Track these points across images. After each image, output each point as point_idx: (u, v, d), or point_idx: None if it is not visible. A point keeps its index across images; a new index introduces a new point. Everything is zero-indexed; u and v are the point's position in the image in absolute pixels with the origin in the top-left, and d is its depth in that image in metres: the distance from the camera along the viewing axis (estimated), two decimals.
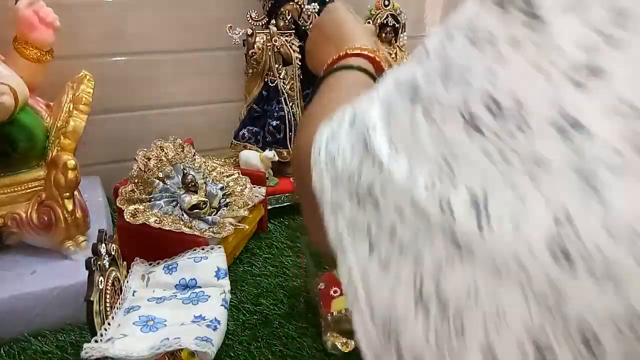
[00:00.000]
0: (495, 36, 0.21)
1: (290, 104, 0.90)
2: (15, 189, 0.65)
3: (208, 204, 0.72)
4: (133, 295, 0.60)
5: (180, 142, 0.78)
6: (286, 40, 0.87)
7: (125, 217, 0.65)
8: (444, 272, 0.21)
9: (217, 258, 0.64)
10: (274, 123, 0.90)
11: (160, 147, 0.75)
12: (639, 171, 0.18)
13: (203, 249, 0.65)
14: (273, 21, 0.86)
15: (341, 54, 0.47)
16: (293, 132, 0.91)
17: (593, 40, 0.19)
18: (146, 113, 0.92)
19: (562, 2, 0.20)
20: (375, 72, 0.46)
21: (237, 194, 0.76)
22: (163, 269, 0.63)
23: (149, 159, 0.73)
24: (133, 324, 0.54)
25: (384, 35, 0.90)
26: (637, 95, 0.18)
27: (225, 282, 0.63)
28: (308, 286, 0.69)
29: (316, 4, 0.87)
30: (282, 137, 0.91)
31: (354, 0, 0.93)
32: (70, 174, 0.63)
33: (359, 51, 0.47)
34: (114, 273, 0.56)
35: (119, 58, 0.86)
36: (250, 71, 0.89)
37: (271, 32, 0.85)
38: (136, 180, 0.71)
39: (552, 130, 0.19)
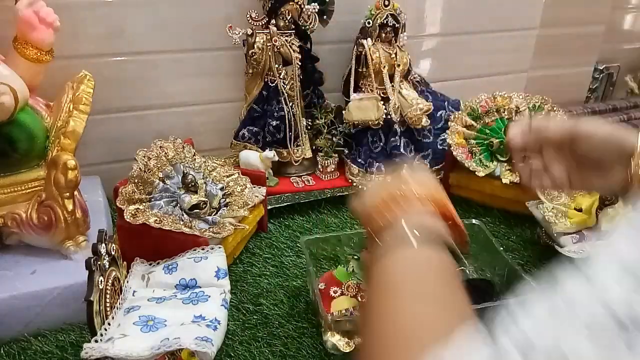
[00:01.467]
0: None
1: (290, 104, 0.90)
2: (15, 189, 0.65)
3: (208, 204, 0.72)
4: (133, 295, 0.60)
5: (181, 142, 0.78)
6: (286, 40, 0.87)
7: (125, 217, 0.65)
8: None
9: (217, 258, 0.64)
10: (274, 123, 0.90)
11: (160, 147, 0.75)
12: None
13: (203, 249, 0.65)
14: (273, 21, 0.86)
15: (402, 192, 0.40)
16: (293, 132, 0.91)
17: None
18: (146, 113, 0.92)
19: None
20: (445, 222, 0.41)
21: (237, 194, 0.76)
22: (163, 269, 0.63)
23: (149, 158, 0.73)
24: (133, 324, 0.54)
25: (384, 35, 0.90)
26: None
27: (225, 282, 0.63)
28: (308, 286, 0.69)
29: (316, 4, 0.87)
30: (282, 137, 0.91)
31: (354, 0, 0.94)
32: (70, 174, 0.63)
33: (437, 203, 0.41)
34: (114, 273, 0.56)
35: (119, 58, 0.86)
36: (250, 71, 0.89)
37: (271, 32, 0.85)
38: (136, 180, 0.71)
39: None
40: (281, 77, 0.88)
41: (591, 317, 0.22)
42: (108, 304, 0.54)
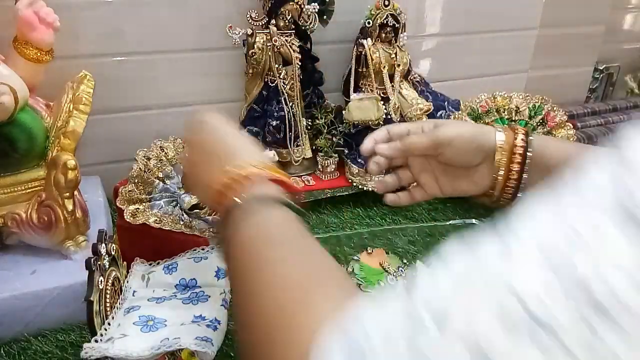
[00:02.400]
0: None
1: (290, 104, 0.90)
2: (15, 189, 0.65)
3: None
4: (133, 295, 0.60)
5: (181, 141, 0.78)
6: (286, 40, 0.87)
7: (125, 217, 0.65)
8: None
9: (217, 258, 0.64)
10: (274, 123, 0.90)
11: (160, 147, 0.75)
12: None
13: (203, 249, 0.65)
14: (273, 21, 0.86)
15: (235, 175, 0.38)
16: (293, 132, 0.91)
17: None
18: (146, 113, 0.92)
19: None
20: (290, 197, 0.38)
21: None
22: (163, 269, 0.63)
23: (148, 158, 0.73)
24: (133, 324, 0.54)
25: (384, 35, 0.90)
26: None
27: (225, 282, 0.63)
28: None
29: (316, 4, 0.87)
30: (282, 137, 0.91)
31: (354, 0, 0.94)
32: (70, 174, 0.63)
33: (265, 173, 0.38)
34: (114, 273, 0.56)
35: (119, 58, 0.86)
36: (250, 71, 0.89)
37: (271, 32, 0.85)
38: (136, 180, 0.71)
39: None
40: (281, 77, 0.88)
41: (501, 301, 0.21)
42: (108, 304, 0.54)
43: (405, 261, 0.70)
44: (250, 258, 0.33)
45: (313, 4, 0.87)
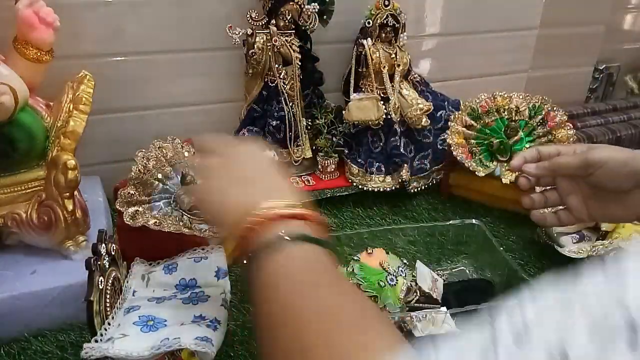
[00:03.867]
0: None
1: (290, 104, 0.90)
2: (15, 189, 0.65)
3: None
4: (133, 295, 0.60)
5: (179, 142, 0.78)
6: (286, 40, 0.87)
7: (125, 219, 0.65)
8: None
9: (217, 258, 0.64)
10: (274, 123, 0.90)
11: (159, 147, 0.75)
12: None
13: (203, 249, 0.65)
14: (273, 21, 0.86)
15: (269, 214, 0.36)
16: (293, 132, 0.91)
17: None
18: (146, 113, 0.92)
19: None
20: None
21: None
22: (163, 269, 0.63)
23: (147, 160, 0.73)
24: (133, 324, 0.54)
25: (384, 35, 0.90)
26: None
27: (225, 282, 0.63)
28: None
29: (316, 4, 0.87)
30: (282, 137, 0.91)
31: (354, 0, 0.94)
32: (70, 174, 0.63)
33: (297, 211, 0.37)
34: (114, 273, 0.56)
35: (119, 58, 0.86)
36: (250, 71, 0.89)
37: (271, 32, 0.85)
38: (135, 182, 0.71)
39: None
40: (281, 77, 0.88)
41: (602, 313, 0.21)
42: (108, 304, 0.54)
43: (405, 261, 0.70)
44: (290, 298, 0.32)
45: (313, 4, 0.87)
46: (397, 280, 0.64)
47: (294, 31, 0.88)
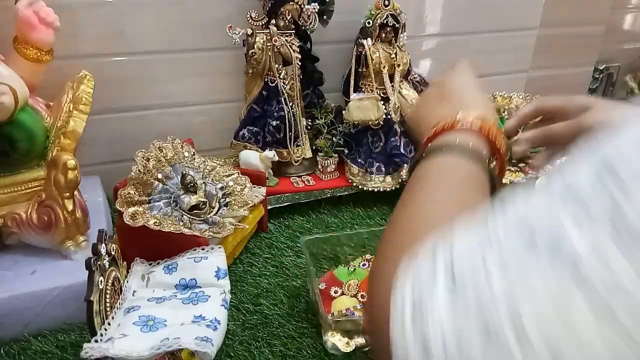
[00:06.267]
0: None
1: (290, 104, 0.90)
2: (15, 189, 0.65)
3: (207, 204, 0.72)
4: (133, 295, 0.60)
5: (179, 142, 0.78)
6: (286, 40, 0.87)
7: (125, 219, 0.65)
8: None
9: (217, 258, 0.64)
10: (274, 123, 0.90)
11: (159, 147, 0.75)
12: None
13: (203, 249, 0.65)
14: (273, 21, 0.86)
15: (445, 124, 0.41)
16: (293, 132, 0.91)
17: None
18: (146, 113, 0.92)
19: None
20: (490, 153, 0.41)
21: (237, 194, 0.76)
22: (163, 269, 0.63)
23: (147, 160, 0.73)
24: (133, 324, 0.54)
25: (384, 35, 0.90)
26: None
27: (225, 282, 0.63)
28: (308, 286, 0.69)
29: (316, 4, 0.87)
30: (282, 137, 0.91)
31: (354, 0, 0.94)
32: (70, 174, 0.63)
33: (470, 124, 0.41)
34: (114, 273, 0.56)
35: (119, 58, 0.86)
36: (250, 71, 0.89)
37: (271, 32, 0.85)
38: (135, 182, 0.71)
39: None
40: (281, 77, 0.88)
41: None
42: (108, 304, 0.54)
43: None
44: (419, 183, 0.38)
45: (313, 4, 0.87)
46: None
47: (294, 31, 0.88)
